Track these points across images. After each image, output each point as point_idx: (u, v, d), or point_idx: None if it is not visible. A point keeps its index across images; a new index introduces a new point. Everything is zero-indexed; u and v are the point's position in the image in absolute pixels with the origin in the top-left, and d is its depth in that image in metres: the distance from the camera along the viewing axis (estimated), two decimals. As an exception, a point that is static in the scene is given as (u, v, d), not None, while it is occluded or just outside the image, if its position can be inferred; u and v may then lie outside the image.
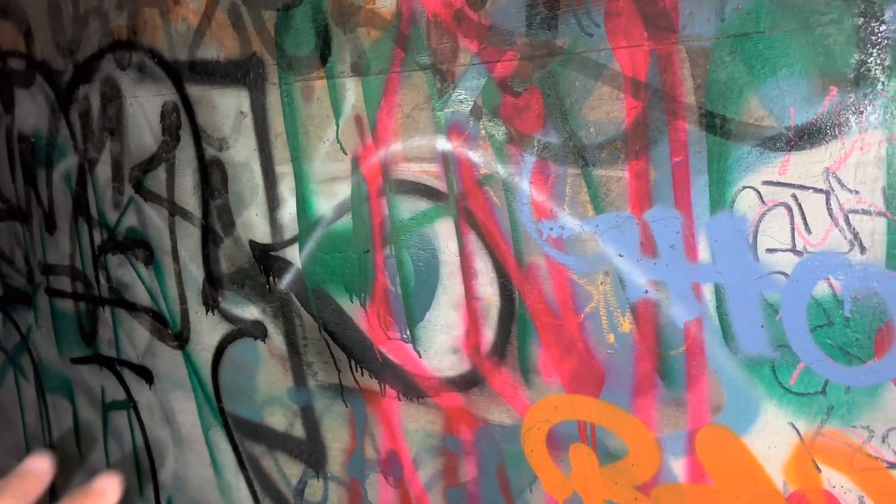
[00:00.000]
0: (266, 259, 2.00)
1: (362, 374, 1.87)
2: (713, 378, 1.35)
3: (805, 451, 1.28)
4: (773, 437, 1.31)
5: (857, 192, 1.16)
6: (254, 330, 2.08)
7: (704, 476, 1.40)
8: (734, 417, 1.34)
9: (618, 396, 1.48)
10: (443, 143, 1.60)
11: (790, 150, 1.20)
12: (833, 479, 1.26)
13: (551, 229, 1.49)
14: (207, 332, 2.22)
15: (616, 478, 1.51)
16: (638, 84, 1.33)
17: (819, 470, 1.27)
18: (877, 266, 1.16)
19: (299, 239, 1.91)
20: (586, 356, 1.50)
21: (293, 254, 1.93)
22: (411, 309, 1.74)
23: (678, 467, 1.43)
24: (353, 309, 1.84)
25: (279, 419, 2.09)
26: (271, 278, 2.00)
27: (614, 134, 1.38)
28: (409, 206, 1.69)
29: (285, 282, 1.97)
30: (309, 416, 2.01)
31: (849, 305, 1.19)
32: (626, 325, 1.44)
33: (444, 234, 1.65)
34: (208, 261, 2.16)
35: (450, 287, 1.67)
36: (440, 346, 1.72)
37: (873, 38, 1.12)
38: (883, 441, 1.20)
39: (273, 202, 1.94)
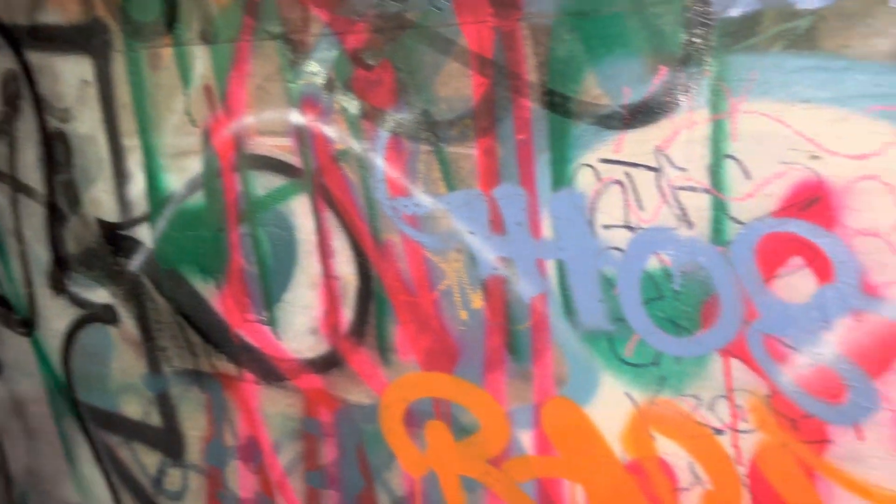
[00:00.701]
0: (115, 239, 1.88)
1: (219, 359, 1.80)
2: (557, 352, 1.38)
3: (640, 421, 1.32)
4: (611, 407, 1.35)
5: (684, 170, 1.20)
6: (104, 314, 1.96)
7: (550, 448, 1.43)
8: (576, 389, 1.38)
9: (470, 372, 1.49)
10: (296, 117, 1.54)
11: (624, 129, 1.23)
12: (666, 446, 1.32)
13: (406, 206, 1.47)
14: (56, 317, 2.08)
15: (469, 452, 1.52)
16: (484, 61, 1.32)
17: (653, 438, 1.32)
18: (702, 241, 1.21)
19: (150, 217, 1.80)
20: (441, 333, 1.50)
21: (144, 233, 1.82)
22: (268, 289, 1.69)
23: (526, 440, 1.45)
24: (207, 290, 1.76)
25: (134, 407, 1.99)
26: (121, 259, 1.89)
27: (464, 111, 1.37)
28: (263, 182, 1.63)
29: (136, 263, 1.86)
30: (165, 404, 1.92)
31: (678, 279, 1.24)
32: (478, 301, 1.44)
33: (301, 211, 1.60)
34: (54, 241, 2.01)
35: (307, 266, 1.62)
36: (299, 327, 1.67)
37: (699, 19, 1.15)
38: (710, 409, 1.26)
39: (121, 178, 1.83)
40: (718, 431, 1.26)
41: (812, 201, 1.11)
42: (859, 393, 1.14)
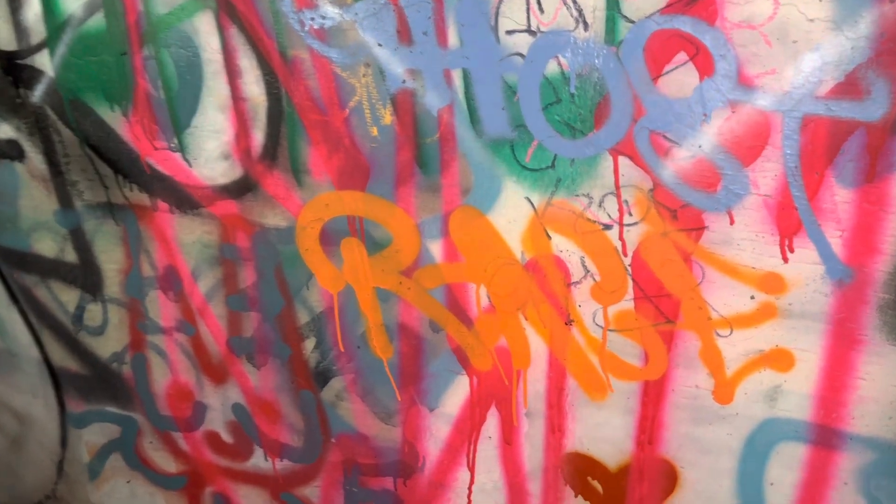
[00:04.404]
0: (13, 68, 1.80)
1: (131, 190, 1.79)
2: (463, 162, 1.44)
3: (538, 222, 1.42)
4: (512, 211, 1.43)
5: (582, -30, 1.23)
6: (9, 150, 1.90)
7: (457, 254, 1.52)
8: (481, 197, 1.45)
9: (382, 188, 1.54)
10: (195, -74, 1.48)
11: (526, -72, 1.25)
12: (560, 244, 1.42)
13: (312, 19, 1.46)
14: (-44, 157, 2.00)
15: (383, 266, 1.60)
16: None
17: (549, 237, 1.42)
18: (597, 42, 1.26)
19: (48, 43, 1.73)
20: (353, 151, 1.53)
21: (43, 61, 1.75)
22: (176, 115, 1.67)
23: (435, 249, 1.53)
24: (115, 119, 1.73)
25: (48, 245, 1.97)
26: (22, 90, 1.81)
27: (368, -87, 1.35)
28: (164, 0, 1.58)
29: (38, 93, 1.79)
30: (79, 239, 1.91)
31: (574, 82, 1.30)
32: (388, 116, 1.48)
33: (205, 29, 1.56)
34: (-54, 75, 1.91)
35: (215, 88, 1.61)
36: (210, 152, 1.67)
37: None
38: (600, 206, 1.36)
39: (14, 1, 1.73)
40: (607, 227, 1.37)
41: (697, -4, 1.17)
42: (732, 180, 1.25)
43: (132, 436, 2.12)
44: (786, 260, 1.25)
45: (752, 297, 1.30)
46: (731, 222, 1.27)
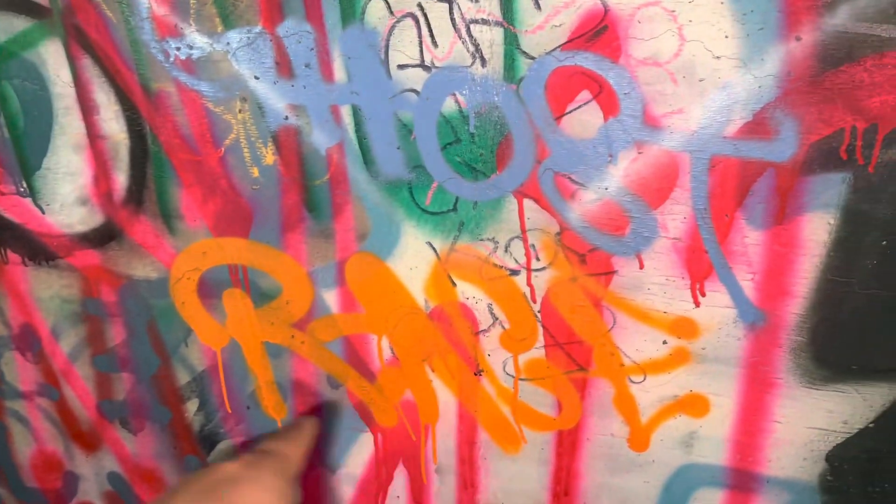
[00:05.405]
0: None
1: (-26, 239, 1.55)
2: (357, 205, 1.31)
3: (441, 268, 1.31)
4: (413, 258, 1.32)
5: (476, 1, 1.13)
6: None
7: (355, 304, 1.39)
8: (378, 243, 1.33)
9: (267, 234, 1.39)
10: (33, -59, 1.28)
11: (415, -46, 1.13)
12: (466, 291, 1.32)
13: (178, 49, 1.29)
14: None
15: (272, 318, 1.45)
16: None
17: (454, 284, 1.32)
18: (496, 79, 1.16)
19: None
20: (231, 194, 1.37)
21: None
22: (24, 156, 1.45)
23: (330, 299, 1.40)
24: (-52, 159, 1.49)
25: None
26: None
27: (236, -68, 1.20)
28: (3, 27, 1.36)
29: None
30: (-87, 297, 1.65)
31: (473, 121, 1.20)
32: (270, 156, 1.33)
33: (53, 60, 1.36)
34: None
35: (67, 126, 1.40)
36: (65, 197, 1.47)
37: None
38: (506, 250, 1.27)
39: None
40: (514, 272, 1.28)
41: (599, 31, 1.09)
42: (640, 224, 1.18)
43: (-8, 513, 1.86)
44: (697, 304, 1.20)
45: (665, 343, 1.25)
46: (641, 266, 1.21)
